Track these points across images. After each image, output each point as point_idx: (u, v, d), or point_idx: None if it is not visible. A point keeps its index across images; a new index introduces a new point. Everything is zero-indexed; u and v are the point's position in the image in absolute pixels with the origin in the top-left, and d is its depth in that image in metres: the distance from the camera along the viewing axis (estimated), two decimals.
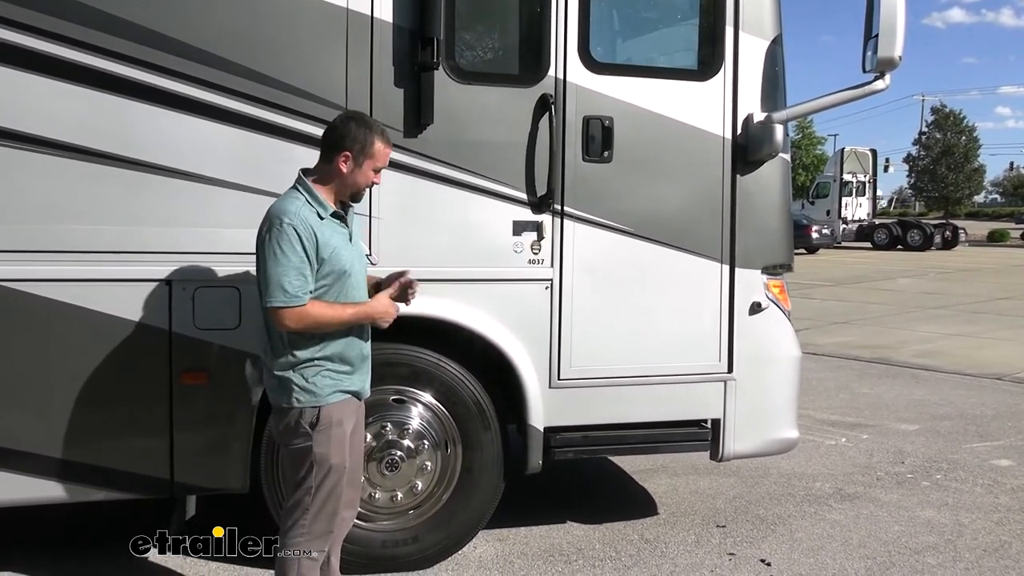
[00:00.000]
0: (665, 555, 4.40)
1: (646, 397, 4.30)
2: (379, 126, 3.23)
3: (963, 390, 8.59)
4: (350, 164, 3.13)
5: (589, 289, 4.16)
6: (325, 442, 3.11)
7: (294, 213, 3.02)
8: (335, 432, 3.12)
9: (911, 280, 21.46)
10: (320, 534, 3.18)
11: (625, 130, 4.14)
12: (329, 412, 3.11)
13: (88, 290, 3.62)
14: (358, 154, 3.13)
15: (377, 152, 3.16)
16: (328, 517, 3.19)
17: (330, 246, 3.07)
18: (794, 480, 5.67)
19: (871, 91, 4.18)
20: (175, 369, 3.73)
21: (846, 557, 4.41)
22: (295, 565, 3.16)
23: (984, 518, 5.01)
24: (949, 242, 36.18)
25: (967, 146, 58.83)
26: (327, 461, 3.12)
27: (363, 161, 3.14)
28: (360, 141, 3.13)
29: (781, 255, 4.50)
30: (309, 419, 3.10)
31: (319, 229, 3.05)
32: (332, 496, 3.17)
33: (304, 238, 2.99)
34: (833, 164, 37.37)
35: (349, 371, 3.18)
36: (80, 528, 4.58)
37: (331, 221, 3.13)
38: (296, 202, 3.07)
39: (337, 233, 3.14)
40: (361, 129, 3.14)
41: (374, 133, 3.16)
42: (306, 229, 3.00)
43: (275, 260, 2.98)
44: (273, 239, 2.99)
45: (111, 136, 3.61)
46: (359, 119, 3.21)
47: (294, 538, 3.16)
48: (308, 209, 3.07)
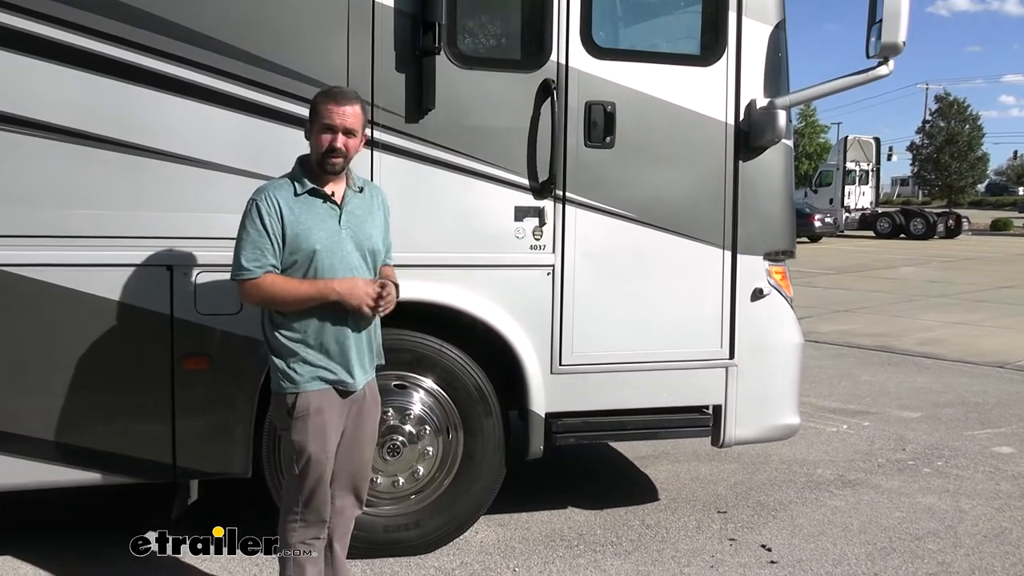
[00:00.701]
0: (666, 540, 4.42)
1: (647, 383, 4.30)
2: (333, 89, 3.19)
3: (965, 378, 8.59)
4: (308, 134, 3.12)
5: (591, 275, 4.15)
6: (302, 430, 3.07)
7: (262, 189, 3.05)
8: (313, 420, 3.06)
9: (914, 268, 21.43)
10: (314, 522, 3.18)
11: (627, 116, 4.13)
12: (306, 399, 3.06)
13: (89, 275, 3.62)
14: (311, 121, 3.10)
15: (320, 110, 3.04)
16: (317, 508, 3.16)
17: (299, 223, 3.01)
18: (795, 467, 5.68)
19: (875, 76, 4.16)
20: (177, 354, 3.74)
21: (846, 543, 4.42)
22: (291, 552, 3.18)
23: (985, 504, 5.02)
24: (952, 231, 36.10)
25: (971, 134, 58.58)
26: (305, 450, 3.07)
27: (315, 125, 3.07)
28: (311, 110, 3.11)
29: (783, 241, 4.50)
30: (288, 405, 3.08)
31: (289, 205, 3.01)
32: (319, 486, 3.13)
33: (264, 213, 2.98)
34: (836, 152, 37.31)
35: (327, 359, 3.09)
36: (84, 512, 4.60)
37: (310, 198, 3.06)
38: (276, 180, 3.09)
39: (315, 211, 3.06)
40: (314, 98, 3.13)
41: (320, 95, 3.11)
42: (269, 204, 2.99)
43: (239, 236, 3.04)
44: (242, 216, 3.05)
45: (112, 121, 3.60)
46: (320, 91, 3.19)
47: (290, 524, 3.18)
48: (285, 187, 3.05)
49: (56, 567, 3.95)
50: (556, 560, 4.16)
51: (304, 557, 3.18)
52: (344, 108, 3.04)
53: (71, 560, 4.01)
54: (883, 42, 3.98)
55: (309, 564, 3.20)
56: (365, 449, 3.34)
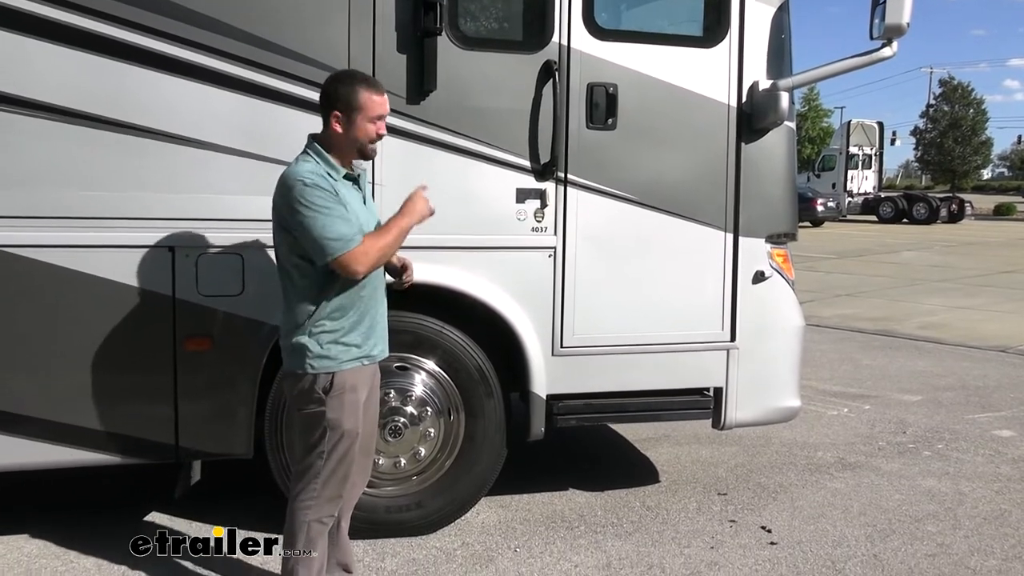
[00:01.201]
0: (667, 522, 4.44)
1: (648, 365, 4.31)
2: (363, 76, 3.19)
3: (966, 362, 8.60)
4: (343, 123, 3.09)
5: (592, 257, 4.15)
6: (339, 407, 3.11)
7: (312, 172, 3.02)
8: (348, 398, 3.13)
9: (916, 253, 21.41)
10: (331, 498, 3.21)
11: (629, 97, 4.12)
12: (343, 378, 3.11)
13: (91, 256, 3.62)
14: (346, 110, 3.08)
15: (365, 103, 3.07)
16: (339, 482, 3.20)
17: (349, 206, 3.07)
18: (796, 449, 5.69)
19: (878, 58, 4.14)
20: (179, 335, 3.75)
21: (846, 524, 4.44)
22: (304, 528, 3.19)
23: (984, 487, 5.03)
24: (955, 216, 36.02)
25: (975, 119, 58.40)
26: (340, 426, 3.13)
27: (355, 116, 3.08)
28: (344, 98, 3.08)
29: (785, 224, 4.49)
30: (323, 384, 3.10)
31: (335, 187, 3.05)
32: (344, 461, 3.18)
33: (327, 188, 2.99)
34: (839, 137, 37.15)
35: (363, 337, 3.17)
36: (99, 492, 4.63)
37: (343, 183, 3.11)
38: (309, 164, 3.07)
39: (352, 194, 3.14)
40: (343, 86, 3.10)
41: (356, 84, 3.10)
42: (326, 181, 3.02)
43: (313, 218, 2.95)
44: (303, 200, 2.96)
45: (113, 101, 3.60)
46: (341, 77, 3.18)
47: (305, 502, 3.19)
48: (321, 171, 3.07)
49: (74, 544, 3.99)
50: (557, 541, 4.18)
51: (316, 534, 3.21)
52: (384, 98, 3.14)
53: (84, 537, 4.04)
54: (887, 23, 3.96)
55: (320, 540, 3.23)
56: (374, 422, 3.47)
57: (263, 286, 3.75)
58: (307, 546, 3.19)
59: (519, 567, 3.90)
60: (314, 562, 3.22)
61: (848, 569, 3.93)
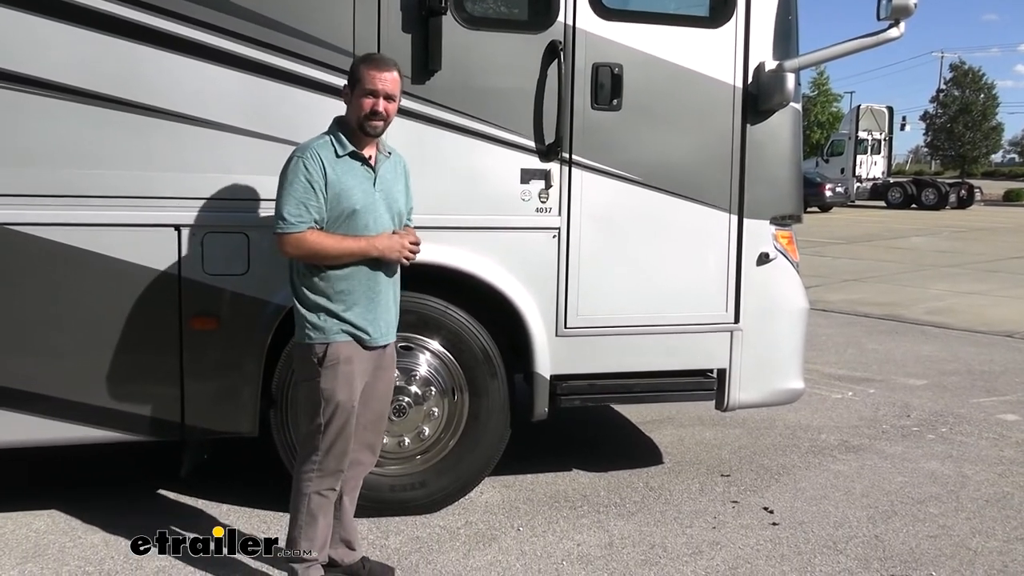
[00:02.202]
0: (669, 502, 4.46)
1: (652, 346, 4.32)
2: (371, 55, 3.35)
3: (972, 347, 8.59)
4: (347, 98, 3.23)
5: (596, 238, 4.16)
6: (331, 378, 3.17)
7: (306, 147, 3.15)
8: (342, 369, 3.18)
9: (924, 239, 21.32)
10: (331, 472, 3.26)
11: (635, 78, 4.10)
12: (336, 349, 3.17)
13: (97, 235, 3.65)
14: (351, 85, 3.21)
15: (363, 76, 3.15)
16: (338, 456, 3.25)
17: (342, 183, 3.13)
18: (799, 432, 5.70)
19: (885, 39, 4.12)
20: (185, 314, 3.77)
21: (848, 506, 4.45)
22: (306, 500, 3.24)
23: (988, 470, 5.04)
24: (964, 201, 35.86)
25: (985, 104, 57.98)
26: (333, 397, 3.18)
27: (356, 89, 3.18)
28: (351, 74, 3.24)
29: (790, 206, 4.48)
30: (318, 355, 3.17)
31: (332, 165, 3.13)
32: (342, 435, 3.23)
33: (310, 170, 3.08)
34: (848, 122, 36.95)
35: (359, 315, 3.20)
36: (100, 469, 4.68)
37: (349, 160, 3.17)
38: (318, 140, 3.18)
39: (355, 172, 3.19)
40: (354, 64, 3.29)
41: (361, 61, 3.25)
42: (314, 162, 3.10)
43: (281, 190, 3.13)
44: (285, 170, 3.14)
45: (119, 80, 3.61)
46: (360, 57, 3.33)
47: (306, 474, 3.25)
48: (327, 146, 3.16)
49: (82, 520, 4.04)
50: (560, 520, 4.21)
51: (317, 506, 3.26)
52: (384, 74, 3.16)
53: (91, 514, 4.08)
54: (894, 4, 3.95)
55: (321, 514, 3.28)
56: (382, 403, 3.47)
57: (268, 265, 3.77)
58: (309, 518, 3.25)
59: (522, 545, 3.93)
60: (317, 534, 3.28)
61: (849, 549, 3.95)
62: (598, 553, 3.87)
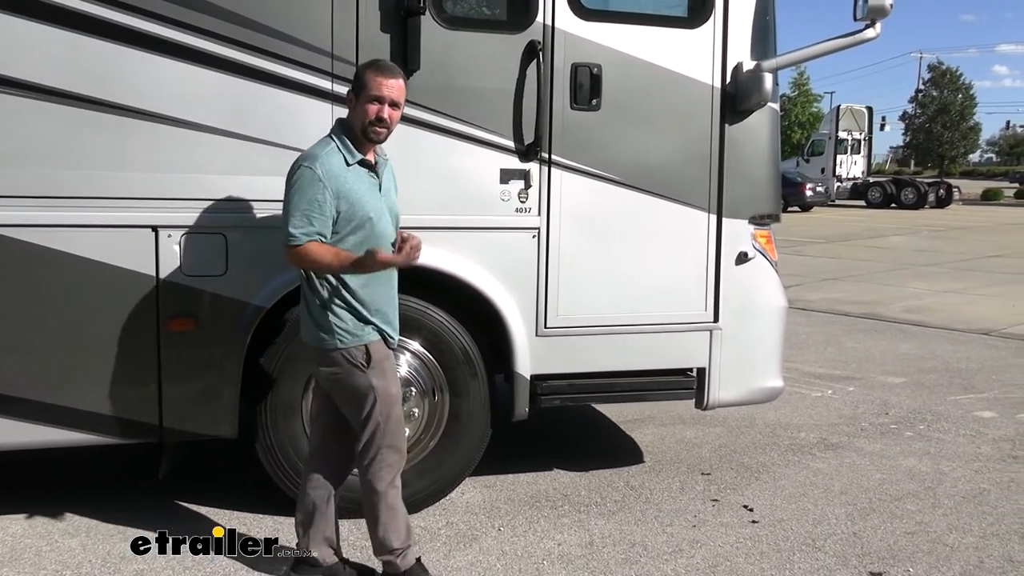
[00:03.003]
0: (650, 501, 4.47)
1: (632, 345, 4.33)
2: (378, 61, 3.31)
3: (950, 344, 8.66)
4: (351, 103, 3.22)
5: (576, 238, 4.17)
6: (381, 374, 3.24)
7: (315, 157, 3.11)
8: (389, 364, 3.30)
9: (904, 238, 21.50)
10: (396, 462, 3.34)
11: (613, 78, 4.12)
12: (377, 347, 3.25)
13: (74, 235, 3.61)
14: (356, 90, 3.21)
15: (368, 82, 3.16)
16: (400, 445, 3.34)
17: (354, 192, 3.14)
18: (779, 430, 5.74)
19: (861, 39, 4.16)
20: (163, 315, 3.74)
21: (827, 503, 4.48)
22: (382, 498, 3.31)
23: (964, 467, 5.09)
24: (943, 201, 36.18)
25: (963, 104, 58.57)
26: (388, 392, 3.26)
27: (361, 94, 3.18)
28: (356, 80, 3.24)
29: (768, 205, 4.51)
30: (360, 358, 3.21)
31: (342, 175, 3.12)
32: (400, 424, 3.34)
33: (320, 181, 3.06)
34: (829, 122, 37.21)
35: (380, 316, 3.27)
36: (78, 473, 4.64)
37: (358, 168, 3.18)
38: (324, 148, 3.16)
39: (364, 181, 3.20)
40: (359, 69, 3.29)
41: (367, 67, 3.24)
42: (324, 173, 3.07)
43: (287, 201, 3.11)
44: (291, 181, 3.12)
45: (95, 81, 3.58)
46: (366, 63, 3.31)
47: (376, 473, 3.30)
48: (335, 155, 3.14)
49: (59, 524, 4.00)
50: (541, 520, 4.21)
51: (394, 499, 3.34)
52: (391, 81, 3.18)
53: (69, 518, 4.06)
54: (870, 4, 3.99)
55: (398, 504, 3.36)
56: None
57: (247, 266, 3.77)
58: (390, 513, 3.32)
59: (503, 545, 3.93)
60: (400, 524, 3.36)
61: (828, 546, 3.97)
62: (579, 552, 3.87)
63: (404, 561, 3.38)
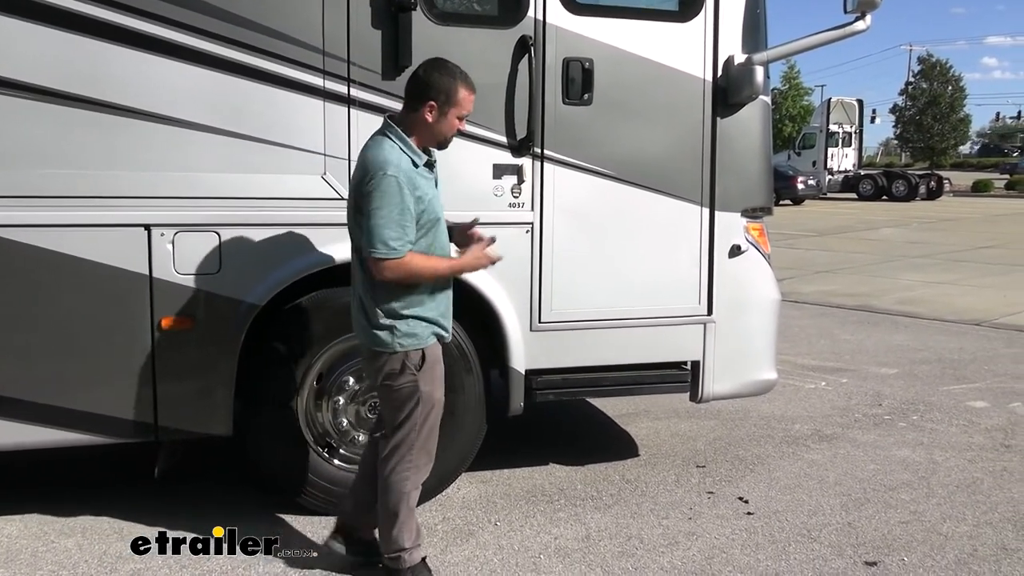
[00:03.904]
0: (645, 494, 4.49)
1: (626, 339, 4.34)
2: (462, 73, 3.23)
3: (942, 336, 8.70)
4: (435, 114, 3.17)
5: (569, 232, 4.17)
6: (429, 380, 3.30)
7: (395, 163, 3.08)
8: (438, 370, 3.35)
9: (895, 230, 21.56)
10: (424, 464, 3.41)
11: (605, 72, 4.12)
12: (431, 351, 3.30)
13: (66, 235, 3.60)
14: (443, 104, 3.17)
15: (462, 100, 3.19)
16: (431, 451, 3.42)
17: (426, 195, 3.17)
18: (773, 422, 5.76)
19: (851, 32, 4.17)
20: (156, 314, 3.73)
21: (822, 494, 4.51)
22: (405, 499, 3.36)
23: (957, 456, 5.12)
24: (934, 192, 36.30)
25: (953, 96, 58.70)
26: (432, 397, 3.32)
27: (448, 110, 3.18)
28: (444, 91, 3.17)
29: (760, 198, 4.52)
30: (415, 361, 3.24)
31: (415, 178, 3.13)
32: (435, 429, 3.40)
33: (405, 188, 3.06)
34: (820, 115, 37.26)
35: (440, 316, 3.32)
36: (73, 473, 4.63)
37: (423, 169, 3.21)
38: (392, 152, 3.12)
39: (430, 182, 3.25)
40: (445, 78, 3.18)
41: (458, 81, 3.19)
42: (407, 179, 3.08)
43: (377, 211, 3.04)
44: (375, 190, 3.05)
45: (85, 79, 3.56)
46: (443, 68, 3.21)
47: (402, 473, 3.35)
48: (405, 159, 3.14)
49: (55, 525, 3.99)
50: (537, 514, 4.22)
51: (414, 502, 3.40)
52: (473, 96, 3.26)
53: (64, 518, 4.05)
54: None
55: (414, 506, 3.42)
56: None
57: (240, 264, 3.76)
58: (408, 512, 3.37)
59: (499, 540, 3.93)
60: (415, 525, 3.42)
61: (823, 537, 3.99)
62: (575, 546, 3.88)
63: (411, 558, 3.40)
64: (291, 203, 3.81)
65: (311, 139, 3.81)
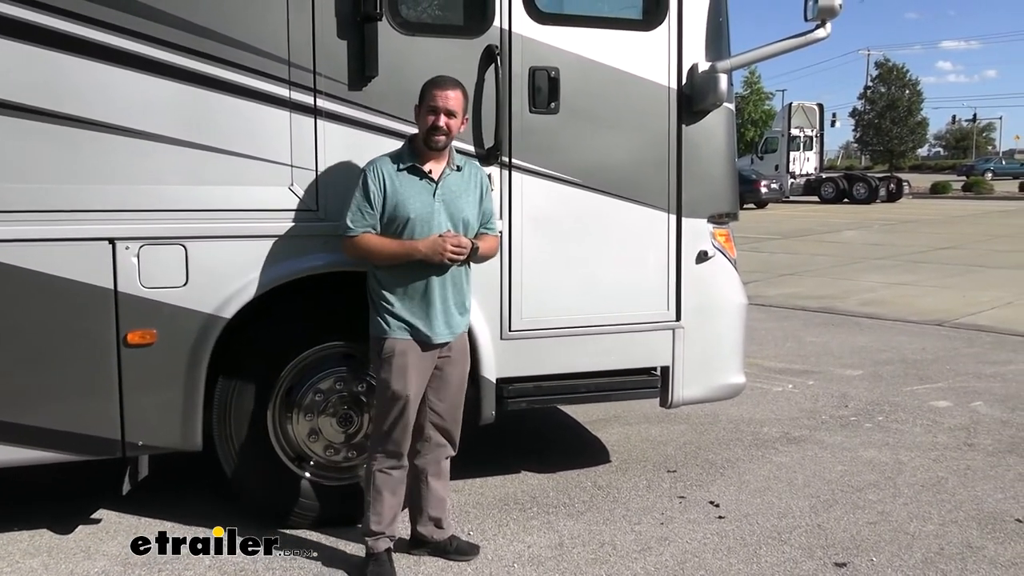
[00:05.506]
0: (617, 500, 4.50)
1: (596, 346, 4.35)
2: (439, 77, 3.58)
3: (905, 336, 8.84)
4: (416, 115, 3.56)
5: (538, 241, 4.18)
6: (387, 370, 3.53)
7: (373, 161, 3.55)
8: (396, 362, 3.52)
9: (857, 232, 21.88)
10: (390, 453, 3.63)
11: (571, 81, 4.14)
12: (392, 344, 3.53)
13: (29, 250, 3.53)
14: (419, 103, 3.55)
15: (427, 94, 3.50)
16: (396, 440, 3.61)
17: (400, 194, 3.49)
18: (743, 426, 5.81)
19: (812, 39, 4.22)
20: (122, 329, 3.68)
21: (791, 496, 4.55)
22: (371, 478, 3.64)
23: (922, 456, 5.20)
24: (894, 195, 36.88)
25: (911, 100, 59.80)
26: (388, 387, 3.54)
27: (422, 106, 3.52)
28: (420, 93, 3.57)
29: (726, 204, 4.57)
30: (377, 349, 3.56)
31: (391, 177, 3.50)
32: (398, 422, 3.58)
33: (370, 182, 3.49)
34: (781, 119, 37.66)
35: (412, 313, 3.53)
36: (38, 489, 4.54)
37: (409, 173, 3.52)
38: (385, 154, 3.58)
39: (413, 184, 3.52)
40: (424, 84, 3.57)
41: (429, 81, 3.56)
42: (375, 175, 3.50)
43: (352, 197, 3.52)
44: (359, 181, 3.53)
45: (45, 91, 3.51)
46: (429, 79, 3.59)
47: (371, 455, 3.67)
48: (390, 161, 3.54)
49: (19, 544, 3.92)
50: (510, 523, 4.22)
51: (381, 483, 3.63)
52: (446, 92, 3.50)
53: (29, 536, 3.96)
54: (820, 5, 4.05)
55: (386, 491, 3.64)
56: (452, 395, 3.75)
57: (207, 276, 3.72)
58: (375, 493, 3.63)
59: None
60: (383, 508, 3.64)
61: (793, 539, 4.04)
62: (549, 554, 3.89)
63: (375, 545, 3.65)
64: (258, 215, 3.78)
65: (277, 150, 3.78)
